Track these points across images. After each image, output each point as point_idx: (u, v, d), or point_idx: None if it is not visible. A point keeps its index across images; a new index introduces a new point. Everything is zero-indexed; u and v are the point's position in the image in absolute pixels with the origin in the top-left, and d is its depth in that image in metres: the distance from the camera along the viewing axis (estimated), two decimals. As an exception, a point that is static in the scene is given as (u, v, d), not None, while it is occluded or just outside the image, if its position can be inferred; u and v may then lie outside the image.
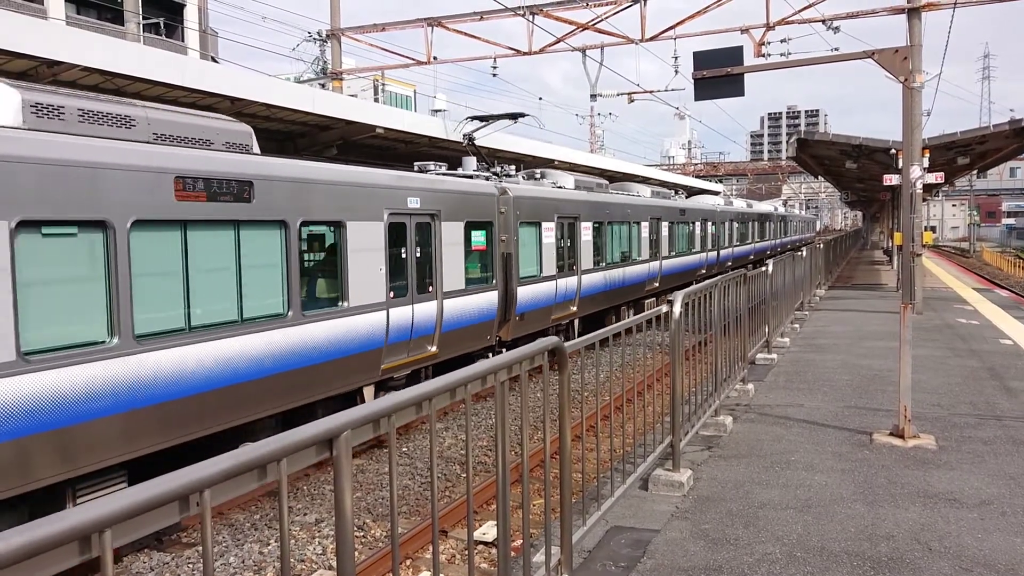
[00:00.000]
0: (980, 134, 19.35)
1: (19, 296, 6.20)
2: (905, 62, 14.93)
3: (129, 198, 7.11)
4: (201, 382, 7.83)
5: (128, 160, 7.15)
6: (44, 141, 6.48)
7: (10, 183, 6.13)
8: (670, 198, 25.40)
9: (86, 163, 6.75)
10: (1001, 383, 9.42)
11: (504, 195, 13.96)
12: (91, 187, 6.77)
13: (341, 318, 9.82)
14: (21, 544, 1.40)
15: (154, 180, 7.37)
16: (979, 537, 4.81)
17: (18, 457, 6.19)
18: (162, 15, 34.54)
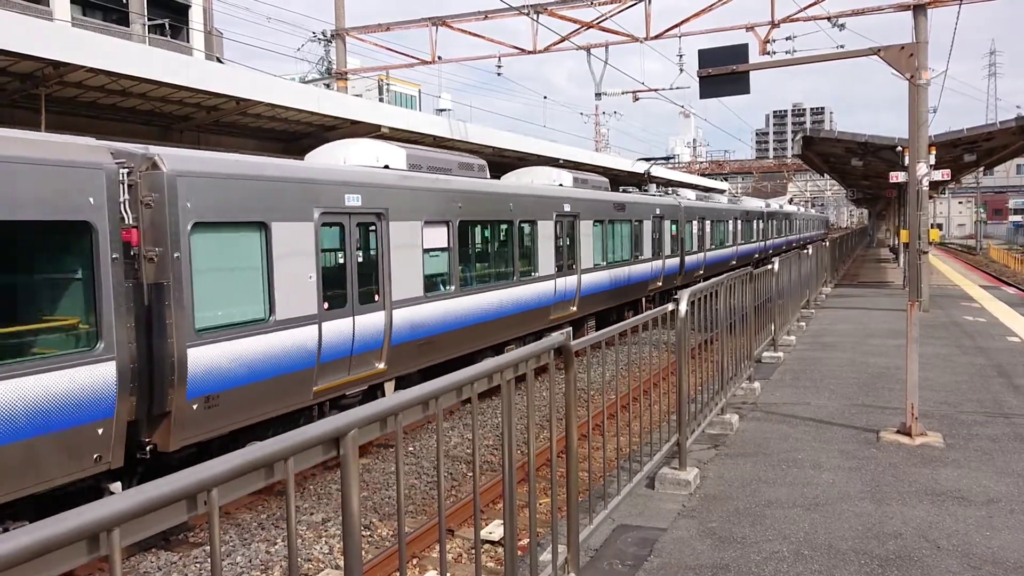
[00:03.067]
0: (987, 131, 19.30)
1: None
2: (911, 59, 14.89)
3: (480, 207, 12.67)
4: None
5: (466, 188, 12.55)
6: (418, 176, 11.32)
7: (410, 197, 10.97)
8: (739, 202, 37.45)
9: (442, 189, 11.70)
10: (1008, 381, 9.39)
11: (679, 205, 24.26)
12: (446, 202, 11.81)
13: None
14: (30, 543, 1.41)
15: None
16: (987, 535, 4.80)
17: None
18: (167, 16, 34.63)
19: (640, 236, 20.68)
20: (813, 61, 16.99)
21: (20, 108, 11.66)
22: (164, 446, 7.66)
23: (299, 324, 9.06)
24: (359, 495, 2.39)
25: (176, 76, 11.66)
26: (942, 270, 31.19)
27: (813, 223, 61.32)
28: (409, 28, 21.15)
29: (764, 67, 17.14)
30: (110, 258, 6.98)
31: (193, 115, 14.09)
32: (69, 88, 11.75)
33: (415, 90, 73.06)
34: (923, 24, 15.88)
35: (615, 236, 18.96)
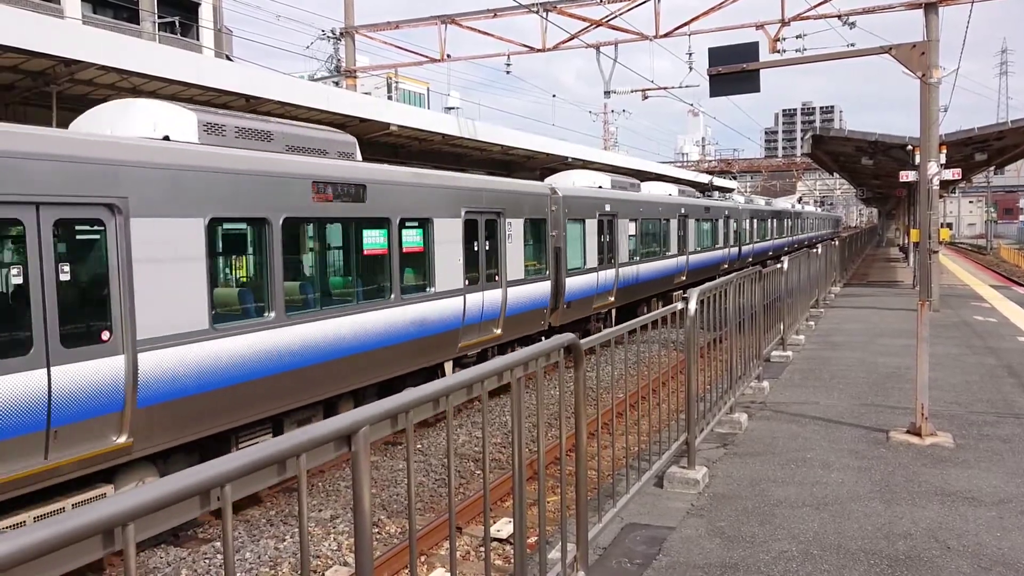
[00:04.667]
0: (998, 130, 19.20)
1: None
2: (922, 57, 14.82)
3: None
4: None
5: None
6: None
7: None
8: (773, 203, 44.63)
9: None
10: (1019, 381, 9.34)
11: (739, 207, 31.90)
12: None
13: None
14: (47, 537, 1.42)
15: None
16: (998, 535, 4.78)
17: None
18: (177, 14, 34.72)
19: (720, 230, 29.40)
20: (823, 59, 16.93)
21: (32, 106, 11.72)
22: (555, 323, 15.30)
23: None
24: (369, 492, 2.40)
25: (186, 74, 11.70)
26: (952, 270, 31.05)
27: (828, 221, 70.27)
28: (418, 26, 21.17)
29: (774, 65, 17.09)
30: (551, 233, 15.30)
31: (203, 113, 14.14)
32: (80, 86, 11.80)
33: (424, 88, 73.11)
34: (934, 22, 15.80)
35: (706, 229, 27.56)
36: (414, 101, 67.05)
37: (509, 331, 13.40)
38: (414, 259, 11.16)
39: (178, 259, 7.56)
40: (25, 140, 6.28)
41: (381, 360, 10.32)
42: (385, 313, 10.34)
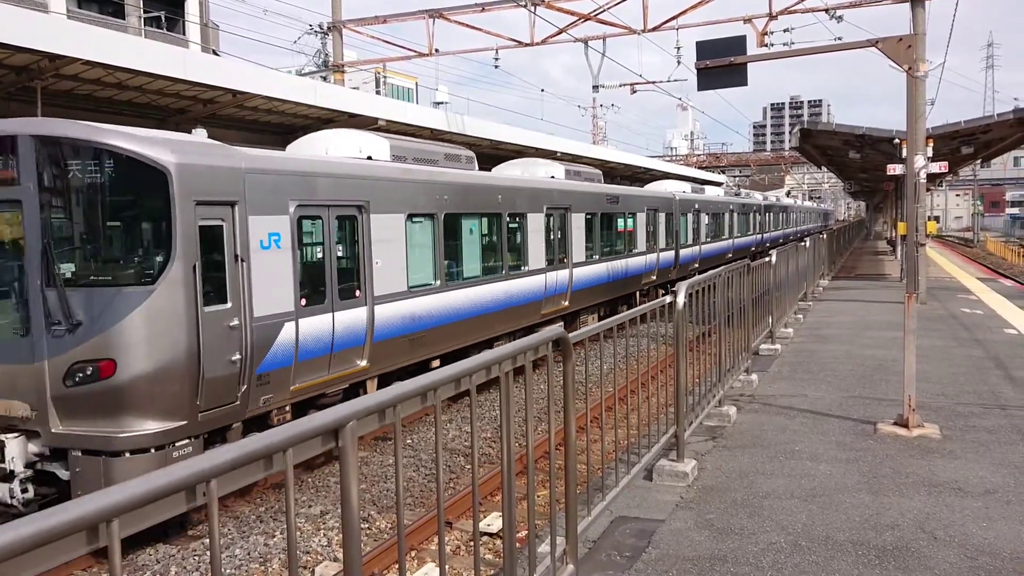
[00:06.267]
0: (984, 123, 19.30)
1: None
2: (909, 50, 14.86)
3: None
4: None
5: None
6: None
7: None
8: (778, 199, 50.71)
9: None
10: (1006, 372, 9.41)
11: (760, 204, 39.75)
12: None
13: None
14: (31, 533, 1.41)
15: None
16: (984, 526, 4.81)
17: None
18: (163, 8, 34.49)
19: (752, 220, 36.95)
20: (811, 53, 16.97)
21: (16, 101, 11.62)
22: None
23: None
24: (358, 487, 2.39)
25: (173, 69, 11.62)
26: (939, 262, 31.24)
27: (819, 215, 73.98)
28: (406, 20, 21.07)
29: (762, 59, 17.12)
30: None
31: (189, 108, 14.06)
32: (65, 81, 11.71)
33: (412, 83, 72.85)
34: (921, 16, 15.86)
35: (738, 220, 33.52)
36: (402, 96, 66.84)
37: (574, 303, 16.76)
38: (515, 244, 14.45)
39: (392, 242, 10.70)
40: (323, 165, 9.69)
41: (497, 320, 13.57)
42: (501, 284, 13.70)
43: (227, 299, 7.95)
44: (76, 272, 7.53)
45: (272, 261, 8.52)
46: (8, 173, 7.42)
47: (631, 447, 5.50)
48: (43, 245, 7.39)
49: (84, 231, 7.74)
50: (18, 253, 7.54)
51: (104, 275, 7.60)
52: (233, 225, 8.05)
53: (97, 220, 7.72)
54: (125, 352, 7.25)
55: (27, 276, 7.47)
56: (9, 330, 7.59)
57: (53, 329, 7.34)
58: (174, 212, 7.41)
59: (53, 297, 7.33)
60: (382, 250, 10.37)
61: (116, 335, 7.25)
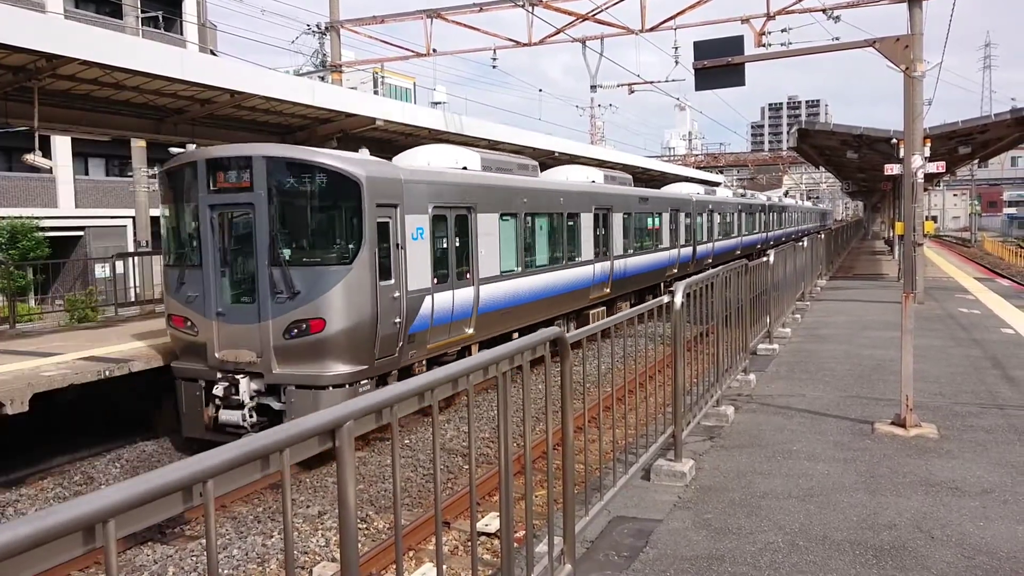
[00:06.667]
0: (981, 123, 19.32)
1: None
2: (906, 51, 14.87)
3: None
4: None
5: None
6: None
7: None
8: (783, 199, 54.59)
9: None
10: (1003, 372, 9.42)
11: (768, 204, 43.24)
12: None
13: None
14: (27, 534, 1.41)
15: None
16: (981, 525, 4.82)
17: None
18: (160, 8, 34.44)
19: (757, 219, 39.25)
20: (808, 53, 16.99)
21: (12, 100, 11.60)
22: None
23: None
24: (355, 487, 2.39)
25: (170, 69, 11.60)
26: (937, 262, 31.26)
27: (818, 215, 76.61)
28: (404, 20, 21.06)
29: (759, 59, 17.13)
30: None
31: (187, 108, 14.04)
32: (62, 81, 11.69)
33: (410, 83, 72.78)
34: (918, 16, 15.87)
35: (745, 219, 35.93)
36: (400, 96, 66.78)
37: (615, 290, 19.47)
38: (572, 239, 16.97)
39: (490, 236, 13.43)
40: (449, 176, 12.56)
41: (558, 302, 16.34)
42: (562, 272, 16.42)
43: (391, 276, 10.61)
44: (293, 255, 10.18)
45: (418, 249, 11.26)
46: (245, 183, 10.20)
47: (629, 447, 5.50)
48: (270, 235, 10.07)
49: (299, 225, 10.59)
50: (251, 242, 10.19)
51: (314, 257, 10.24)
52: (396, 221, 10.77)
53: (309, 216, 10.61)
54: (332, 313, 9.90)
55: (256, 259, 10.15)
56: (240, 299, 10.38)
57: (276, 297, 10.01)
58: (364, 212, 10.11)
59: (276, 273, 10.02)
60: (484, 242, 13.17)
61: (325, 301, 9.91)
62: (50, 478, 10.31)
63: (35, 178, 29.74)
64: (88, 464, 10.76)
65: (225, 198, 10.42)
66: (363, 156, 11.00)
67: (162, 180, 11.42)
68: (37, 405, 9.52)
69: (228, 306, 10.40)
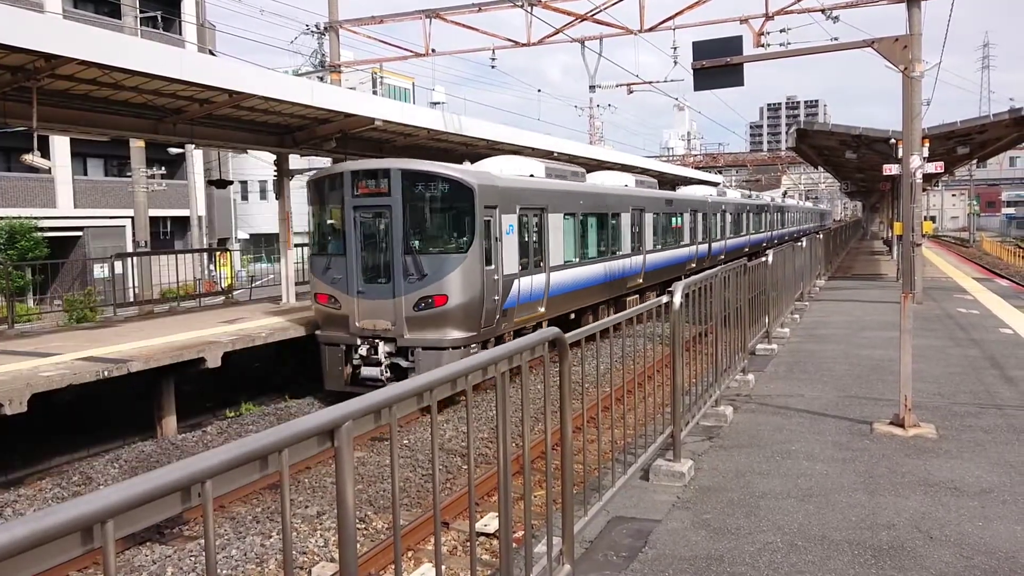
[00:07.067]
0: (980, 123, 19.32)
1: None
2: (905, 51, 14.88)
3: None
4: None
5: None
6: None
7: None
8: (787, 199, 59.14)
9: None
10: (1002, 372, 9.42)
11: (770, 203, 45.43)
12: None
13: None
14: (25, 534, 1.40)
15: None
16: (980, 525, 4.82)
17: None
18: (159, 8, 34.43)
19: (763, 219, 41.46)
20: (807, 53, 16.99)
21: (10, 100, 11.58)
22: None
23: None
24: (354, 488, 2.38)
25: (169, 69, 11.59)
26: (935, 262, 31.28)
27: (818, 215, 79.22)
28: (402, 21, 21.05)
29: (758, 59, 17.14)
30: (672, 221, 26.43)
31: (186, 108, 14.03)
32: (61, 81, 11.68)
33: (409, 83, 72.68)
34: (916, 16, 15.88)
35: (752, 218, 38.35)
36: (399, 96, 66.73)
37: (646, 281, 22.07)
38: (615, 235, 19.70)
39: (557, 231, 16.15)
40: (530, 183, 15.63)
41: (604, 289, 18.98)
42: (607, 263, 19.11)
43: (492, 263, 13.30)
44: (421, 245, 12.96)
45: (510, 242, 14.02)
46: (383, 189, 12.98)
47: (628, 447, 5.51)
48: (403, 230, 12.81)
49: (426, 222, 13.35)
50: (387, 236, 12.98)
51: (438, 247, 13.05)
52: (495, 220, 13.47)
53: (434, 216, 13.43)
54: (452, 291, 12.68)
55: (392, 249, 12.90)
56: (378, 279, 13.09)
57: (408, 278, 12.78)
58: (476, 212, 12.88)
59: (409, 260, 12.80)
60: (552, 237, 15.81)
61: (447, 281, 12.66)
62: (48, 478, 10.30)
63: (34, 178, 29.72)
64: (86, 464, 10.75)
65: (366, 201, 13.13)
66: (473, 168, 14.48)
67: (310, 187, 14.10)
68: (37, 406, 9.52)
69: (367, 286, 13.12)
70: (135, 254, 21.87)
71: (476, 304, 12.90)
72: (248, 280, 32.99)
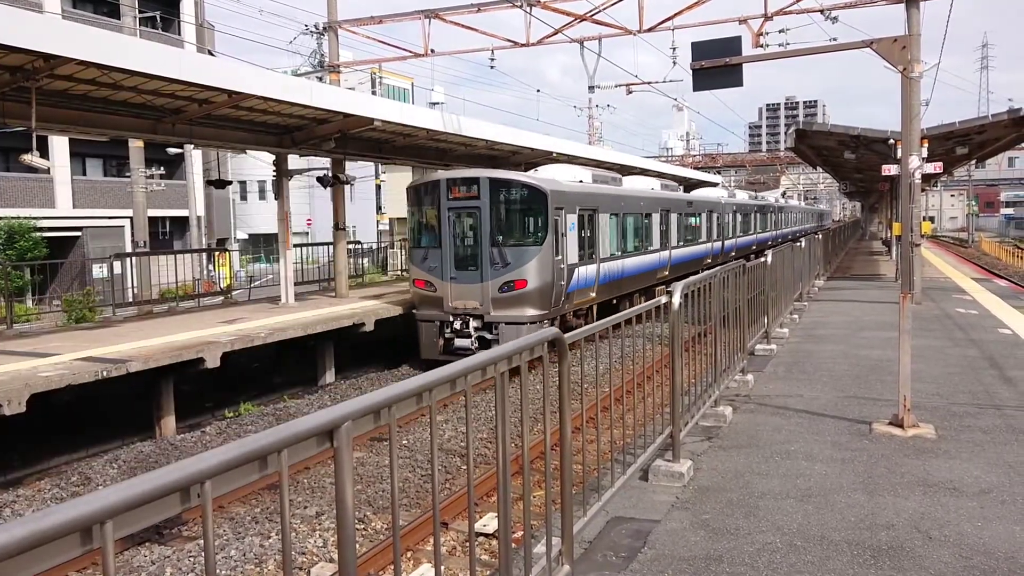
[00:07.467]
0: (979, 124, 19.33)
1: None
2: (904, 51, 14.88)
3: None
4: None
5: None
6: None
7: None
8: (790, 200, 62.30)
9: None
10: (1000, 372, 9.43)
11: (772, 204, 47.44)
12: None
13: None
14: (24, 535, 1.40)
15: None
16: (979, 525, 4.82)
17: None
18: (158, 8, 34.42)
19: (768, 218, 43.76)
20: (806, 53, 16.98)
21: (10, 101, 11.58)
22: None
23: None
24: (353, 488, 2.38)
25: (168, 69, 11.58)
26: (934, 263, 31.30)
27: (819, 215, 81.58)
28: (402, 21, 21.03)
29: (757, 59, 17.14)
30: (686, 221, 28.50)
31: (185, 108, 14.03)
32: (59, 81, 11.68)
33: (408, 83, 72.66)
34: (915, 16, 15.88)
35: (759, 218, 40.70)
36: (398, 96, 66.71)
37: (672, 273, 23.80)
38: (648, 233, 22.57)
39: (605, 228, 18.75)
40: (585, 188, 18.42)
41: (639, 279, 21.55)
42: (642, 257, 21.90)
43: (559, 254, 15.93)
44: (504, 239, 15.66)
45: (572, 237, 16.59)
46: (473, 194, 15.77)
47: (627, 447, 5.51)
48: (490, 226, 15.59)
49: (509, 220, 15.96)
50: (476, 232, 15.74)
51: (519, 241, 15.70)
52: (562, 218, 16.10)
53: (515, 215, 16.05)
54: (530, 276, 15.38)
55: (480, 243, 15.65)
56: (468, 267, 15.76)
57: (494, 266, 15.53)
58: (548, 212, 15.57)
59: (495, 251, 15.54)
60: (602, 233, 18.45)
61: (527, 269, 15.39)
62: (48, 479, 10.29)
63: (33, 178, 29.70)
64: (85, 465, 10.75)
65: (459, 204, 15.91)
66: (546, 175, 17.72)
67: (410, 192, 16.80)
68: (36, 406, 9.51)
69: (458, 272, 15.84)
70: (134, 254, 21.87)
71: (548, 287, 15.62)
72: (247, 280, 32.97)
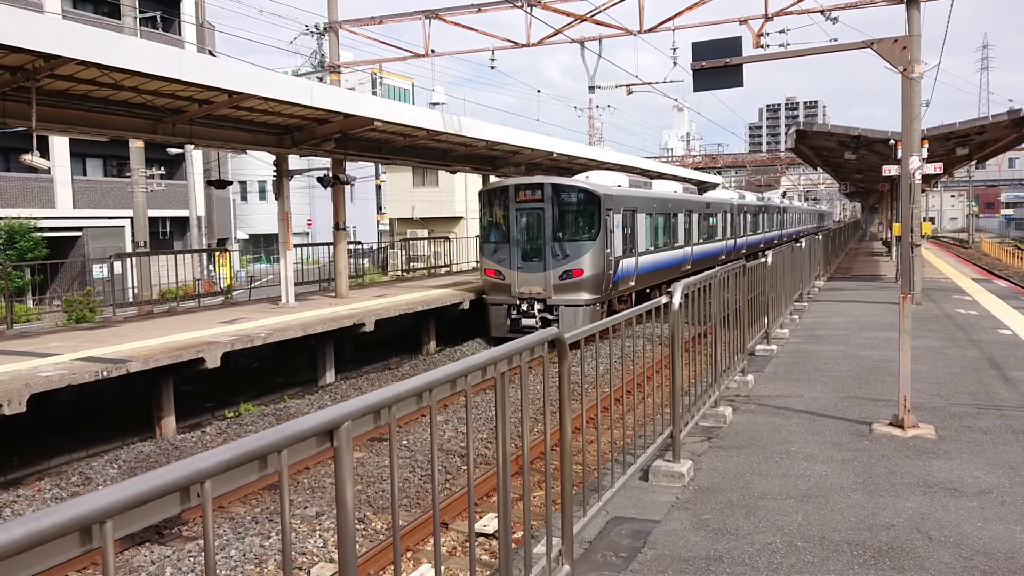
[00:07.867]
0: (979, 124, 19.31)
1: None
2: (904, 52, 14.84)
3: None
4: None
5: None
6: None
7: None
8: (792, 201, 63.06)
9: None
10: (1000, 373, 9.43)
11: (774, 204, 48.34)
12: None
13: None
14: (23, 535, 1.40)
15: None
16: (979, 526, 4.82)
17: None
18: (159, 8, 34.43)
19: (774, 219, 45.87)
20: (806, 54, 16.93)
21: (10, 101, 11.58)
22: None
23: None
24: (353, 488, 2.38)
25: (169, 69, 11.58)
26: (934, 263, 31.29)
27: (819, 215, 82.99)
28: (402, 21, 21.01)
29: (757, 60, 17.14)
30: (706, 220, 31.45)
31: (185, 108, 14.03)
32: (60, 81, 11.68)
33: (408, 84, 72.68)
34: (916, 17, 15.87)
35: (766, 218, 43.09)
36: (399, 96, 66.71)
37: (692, 268, 25.62)
38: (675, 231, 25.04)
39: (642, 226, 21.39)
40: (627, 191, 21.49)
41: (667, 271, 23.40)
42: (669, 252, 24.27)
43: (608, 247, 18.62)
44: (564, 235, 18.42)
45: (618, 234, 19.28)
46: (537, 197, 18.54)
47: (627, 448, 5.50)
48: (552, 224, 18.32)
49: (568, 219, 18.60)
50: (540, 229, 18.44)
51: (576, 236, 18.41)
52: (610, 217, 18.76)
53: (573, 215, 18.63)
54: (586, 266, 18.09)
55: (544, 238, 18.39)
56: (533, 258, 18.50)
57: (555, 258, 18.26)
58: (600, 212, 18.32)
59: (556, 245, 18.31)
60: (639, 230, 20.99)
61: (583, 260, 18.12)
62: (47, 478, 10.29)
63: (33, 178, 29.71)
64: (85, 464, 10.75)
65: (525, 205, 18.71)
66: (598, 181, 20.34)
67: (482, 196, 19.85)
68: (36, 406, 9.51)
69: (524, 263, 18.63)
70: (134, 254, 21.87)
71: (600, 276, 18.36)
72: (247, 280, 32.98)
